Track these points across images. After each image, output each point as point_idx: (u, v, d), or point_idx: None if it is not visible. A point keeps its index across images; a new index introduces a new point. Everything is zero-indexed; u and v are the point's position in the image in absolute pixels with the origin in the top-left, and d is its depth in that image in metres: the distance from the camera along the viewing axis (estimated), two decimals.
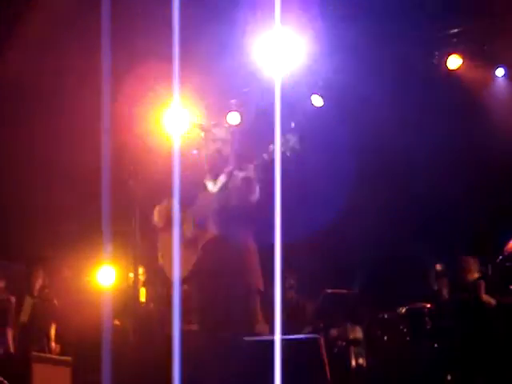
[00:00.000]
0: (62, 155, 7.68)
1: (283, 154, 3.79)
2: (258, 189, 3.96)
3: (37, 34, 6.74)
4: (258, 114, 7.94)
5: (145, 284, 7.07)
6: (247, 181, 3.89)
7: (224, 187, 4.15)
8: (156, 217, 4.19)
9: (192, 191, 4.17)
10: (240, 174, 3.94)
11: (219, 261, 4.00)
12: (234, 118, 7.62)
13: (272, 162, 3.81)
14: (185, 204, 4.10)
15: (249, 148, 4.32)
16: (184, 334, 3.07)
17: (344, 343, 6.49)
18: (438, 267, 7.59)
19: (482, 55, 7.22)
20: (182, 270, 3.98)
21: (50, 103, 7.49)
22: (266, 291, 4.34)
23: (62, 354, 6.81)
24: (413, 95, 7.67)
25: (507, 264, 5.06)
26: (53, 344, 7.08)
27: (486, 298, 6.48)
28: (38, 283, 7.13)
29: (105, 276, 7.25)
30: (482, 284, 6.56)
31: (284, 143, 3.81)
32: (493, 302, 6.39)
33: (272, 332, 6.90)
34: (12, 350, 6.58)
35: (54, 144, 7.46)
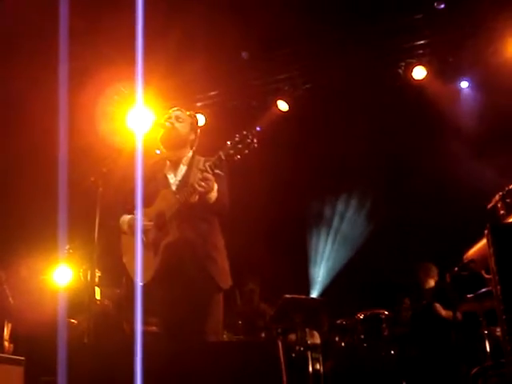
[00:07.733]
0: (22, 157, 7.55)
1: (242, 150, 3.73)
2: (216, 186, 3.86)
3: None
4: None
5: (102, 284, 6.99)
6: (206, 178, 3.77)
7: (184, 181, 4.06)
8: (125, 226, 4.05)
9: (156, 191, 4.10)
10: (199, 172, 3.84)
11: (180, 261, 3.89)
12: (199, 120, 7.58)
13: (227, 158, 3.78)
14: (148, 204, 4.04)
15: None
16: (143, 335, 3.03)
17: (302, 348, 6.49)
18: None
19: (447, 67, 7.33)
20: (145, 272, 3.91)
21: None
22: (232, 289, 4.27)
23: (15, 353, 6.66)
24: (377, 104, 7.75)
25: (463, 273, 5.13)
26: (6, 343, 6.93)
27: (445, 313, 6.60)
28: None
29: (61, 276, 7.16)
30: (438, 306, 6.67)
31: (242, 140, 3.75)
32: (449, 314, 6.47)
33: (235, 333, 6.86)
34: None
35: (14, 149, 7.32)
